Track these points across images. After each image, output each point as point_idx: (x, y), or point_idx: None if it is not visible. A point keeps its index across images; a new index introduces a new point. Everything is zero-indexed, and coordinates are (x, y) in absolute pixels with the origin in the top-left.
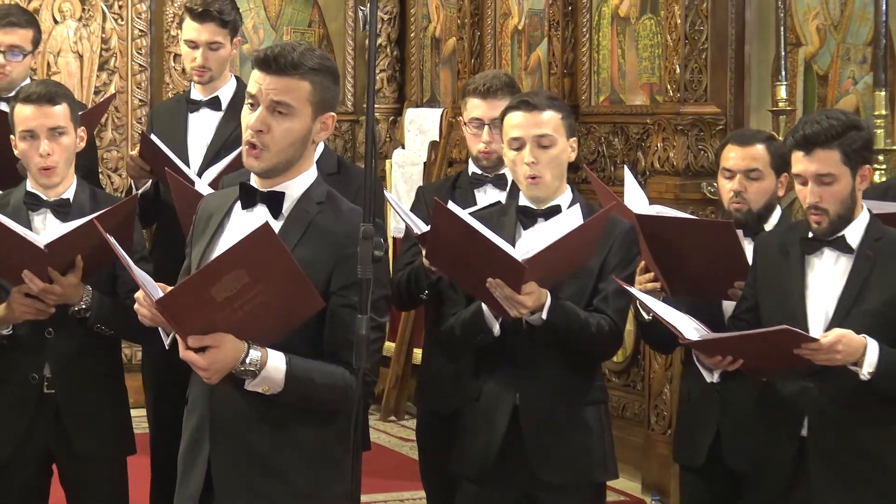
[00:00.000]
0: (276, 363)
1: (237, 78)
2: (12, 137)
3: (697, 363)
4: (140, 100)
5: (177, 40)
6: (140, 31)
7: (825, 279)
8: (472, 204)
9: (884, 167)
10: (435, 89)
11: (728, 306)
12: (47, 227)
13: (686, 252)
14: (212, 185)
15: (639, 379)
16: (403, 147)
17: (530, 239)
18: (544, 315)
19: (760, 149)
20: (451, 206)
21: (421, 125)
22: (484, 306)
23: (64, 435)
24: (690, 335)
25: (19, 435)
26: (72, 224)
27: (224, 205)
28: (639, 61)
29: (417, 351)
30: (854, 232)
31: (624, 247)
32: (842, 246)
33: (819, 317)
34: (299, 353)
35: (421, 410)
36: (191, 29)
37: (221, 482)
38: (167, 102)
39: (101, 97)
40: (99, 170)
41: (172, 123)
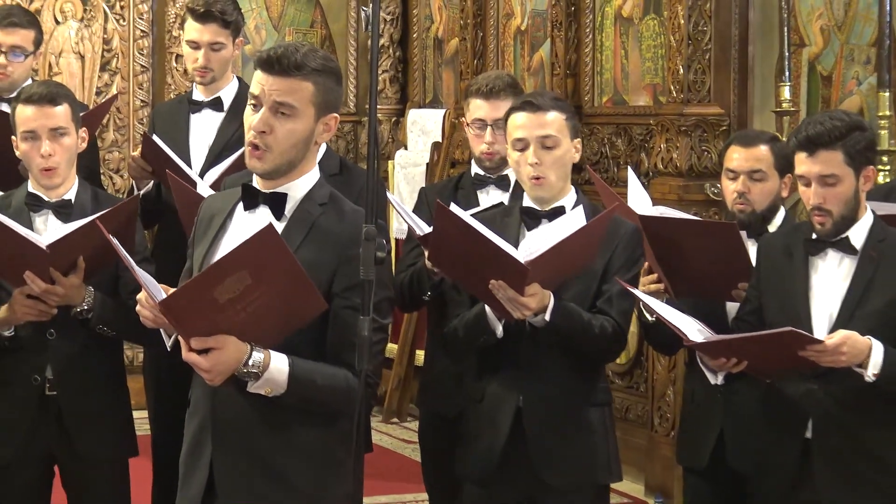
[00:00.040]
0: (279, 365)
1: (239, 79)
2: (14, 138)
3: (701, 365)
4: (142, 100)
5: (179, 41)
6: (142, 32)
7: (829, 280)
8: (475, 205)
9: (887, 168)
10: (437, 90)
11: (731, 308)
12: (49, 228)
13: (689, 253)
14: (214, 187)
15: (642, 380)
16: (406, 148)
17: (533, 240)
18: (547, 317)
19: (764, 150)
20: (454, 208)
21: (423, 126)
22: (487, 308)
23: (66, 436)
24: (694, 337)
25: (21, 436)
26: (73, 224)
27: (226, 206)
28: (642, 62)
29: (420, 352)
30: (858, 233)
31: (628, 248)
32: (845, 247)
33: (823, 318)
34: (302, 355)
35: (423, 412)
36: (193, 29)
37: (223, 484)
38: (169, 103)
39: (103, 98)
40: (101, 171)
41: (174, 124)
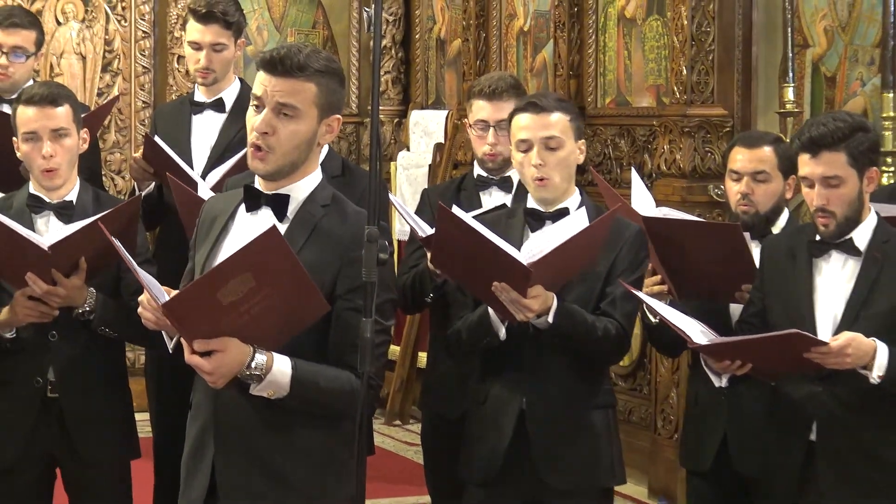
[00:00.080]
0: (282, 367)
1: (241, 80)
2: (15, 140)
3: (705, 367)
4: (143, 102)
5: (180, 42)
6: (143, 33)
7: (833, 282)
8: (478, 206)
9: (891, 169)
10: (440, 91)
11: (735, 309)
12: (50, 230)
13: (693, 254)
14: (216, 188)
15: (645, 383)
16: (408, 149)
17: (535, 242)
18: (550, 318)
19: (768, 151)
20: (456, 210)
21: (426, 127)
22: (490, 310)
23: (68, 439)
24: (698, 339)
25: (22, 438)
26: (75, 225)
27: (228, 207)
28: (645, 63)
29: (422, 354)
30: (862, 234)
31: (633, 250)
32: (849, 249)
33: (827, 320)
34: (304, 357)
35: (426, 414)
36: (194, 30)
37: (225, 486)
38: (171, 104)
39: (105, 99)
40: (102, 172)
41: (176, 125)
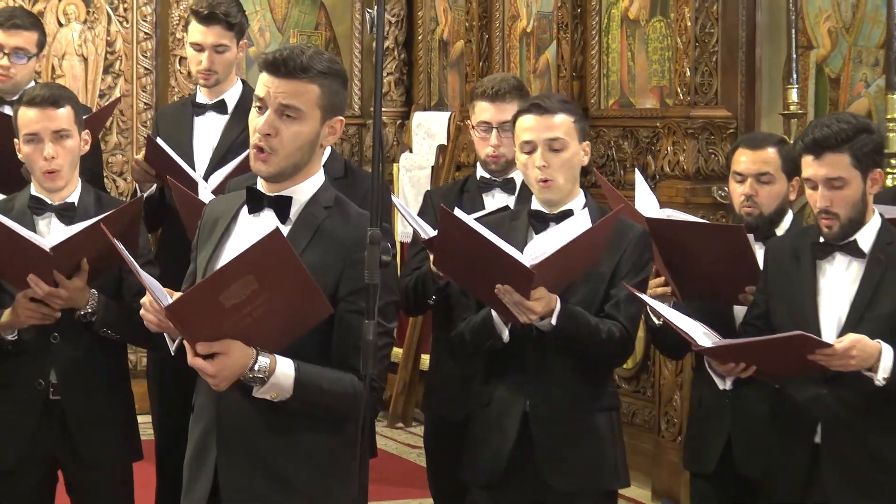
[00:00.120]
0: (285, 370)
1: (243, 81)
2: (16, 141)
3: (710, 370)
4: (145, 103)
5: (182, 43)
6: (145, 34)
7: (837, 284)
8: (480, 208)
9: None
10: (443, 92)
11: (739, 311)
12: (52, 232)
13: (696, 256)
14: (218, 190)
15: (649, 385)
16: (411, 151)
17: (538, 244)
18: (554, 321)
19: (772, 152)
20: (458, 213)
21: (429, 129)
22: (493, 312)
23: (70, 441)
24: (702, 342)
25: (25, 441)
26: (77, 226)
27: (230, 209)
28: (648, 64)
29: (425, 357)
30: (866, 236)
31: (637, 252)
32: (853, 250)
33: (831, 322)
34: (307, 359)
35: (429, 417)
36: (196, 32)
37: (228, 488)
38: (172, 106)
39: (106, 100)
40: (104, 174)
41: (178, 127)
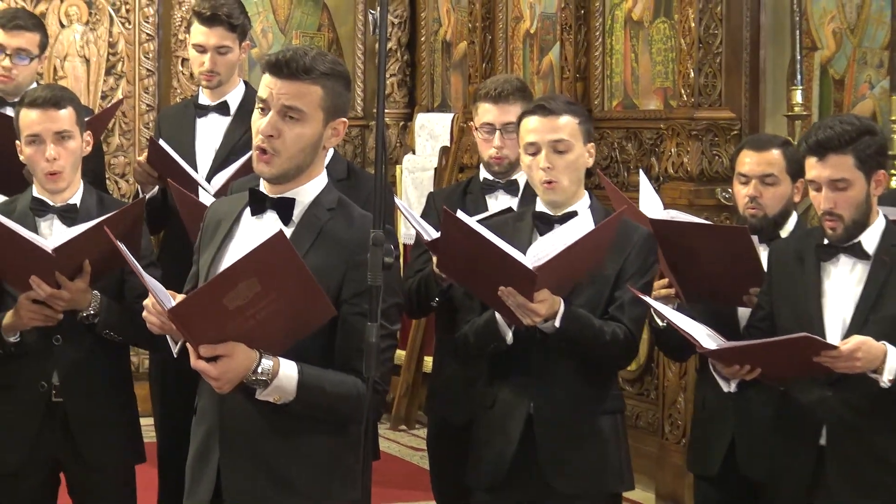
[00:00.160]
0: (288, 372)
1: (246, 82)
2: (18, 143)
3: (714, 373)
4: (147, 105)
5: (185, 44)
6: (147, 35)
7: (842, 286)
8: (484, 210)
9: None
10: (446, 94)
11: (743, 313)
12: (54, 233)
13: (700, 257)
14: (220, 191)
15: (652, 387)
16: (414, 152)
17: (541, 246)
18: (557, 323)
19: (776, 154)
20: (461, 215)
21: (432, 130)
22: (497, 314)
23: (72, 443)
24: (707, 344)
25: (27, 443)
26: (79, 228)
27: (233, 211)
28: (652, 65)
29: (428, 359)
30: (870, 238)
31: (642, 254)
32: (858, 252)
33: (836, 324)
34: (310, 362)
35: (432, 419)
36: (199, 33)
37: (231, 490)
38: (175, 107)
39: (109, 102)
40: (106, 175)
41: (180, 128)
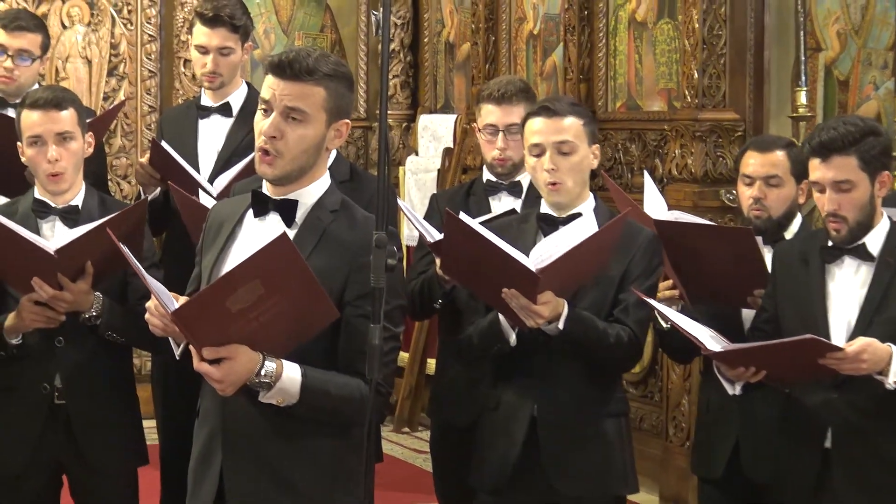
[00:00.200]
0: (292, 374)
1: (248, 84)
2: (19, 144)
3: (719, 375)
4: (150, 106)
5: (187, 45)
6: (150, 36)
7: (846, 288)
8: (487, 211)
9: None
10: (449, 95)
11: (747, 315)
12: (56, 235)
13: (705, 258)
14: (223, 193)
15: (656, 390)
16: (417, 154)
17: (544, 248)
18: (561, 325)
19: (780, 155)
20: (463, 217)
21: (435, 131)
22: (500, 316)
23: (75, 446)
24: (711, 346)
25: (30, 445)
26: (82, 229)
27: (235, 212)
28: (656, 66)
29: (431, 361)
30: (874, 239)
31: (647, 256)
32: (862, 254)
33: (841, 326)
34: (313, 364)
35: (435, 422)
36: (201, 34)
37: (234, 493)
38: (177, 108)
39: (111, 103)
40: (108, 177)
41: (182, 130)
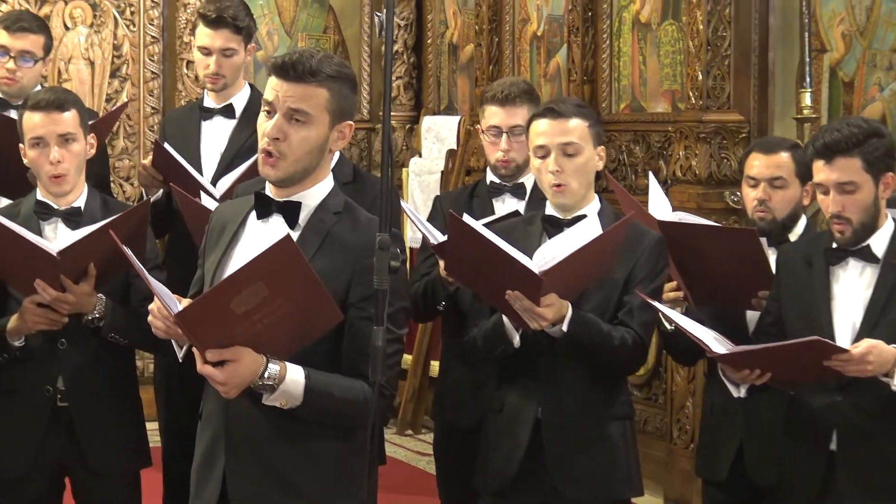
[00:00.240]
0: (295, 377)
1: (251, 85)
2: (21, 146)
3: (724, 378)
4: (152, 107)
5: (190, 47)
6: (152, 38)
7: (851, 290)
8: (490, 213)
9: None
10: (452, 96)
11: (752, 317)
12: (58, 237)
13: (709, 260)
14: (226, 195)
15: (661, 392)
16: (420, 155)
17: (548, 250)
18: (565, 327)
19: (785, 157)
20: (466, 219)
21: (438, 133)
22: (504, 317)
23: (77, 448)
24: (716, 349)
25: (33, 448)
26: (84, 230)
27: (238, 214)
28: (660, 68)
29: (435, 363)
30: (879, 241)
31: (652, 259)
32: (867, 256)
33: (846, 328)
34: (317, 366)
35: (438, 424)
36: (204, 35)
37: (236, 495)
38: (180, 110)
39: (113, 104)
40: (111, 179)
41: (185, 131)
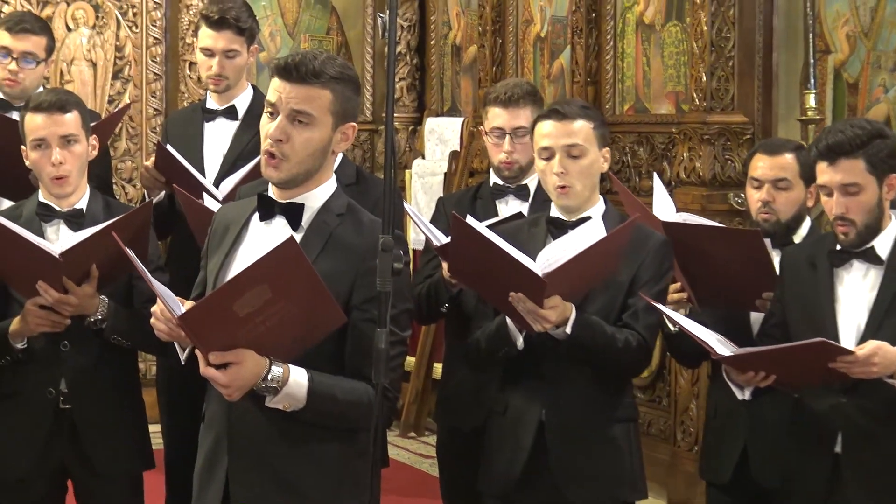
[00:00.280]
0: (299, 379)
1: (254, 87)
2: (23, 148)
3: (728, 380)
4: (155, 109)
5: (192, 48)
6: (155, 39)
7: (855, 292)
8: (494, 215)
9: None
10: (455, 98)
11: (756, 318)
12: (60, 238)
13: (713, 261)
14: (229, 197)
15: (664, 394)
16: (423, 157)
17: (551, 252)
18: (568, 329)
19: (789, 158)
20: (470, 220)
21: (441, 135)
22: (508, 319)
23: (80, 450)
24: (721, 351)
25: (35, 450)
26: (86, 232)
27: (241, 216)
28: (664, 69)
29: (438, 365)
30: (883, 242)
31: (656, 261)
32: (871, 257)
33: (850, 330)
34: (320, 368)
35: (441, 426)
36: (207, 37)
37: (239, 498)
38: (182, 111)
39: (116, 106)
40: (113, 180)
41: (188, 133)
